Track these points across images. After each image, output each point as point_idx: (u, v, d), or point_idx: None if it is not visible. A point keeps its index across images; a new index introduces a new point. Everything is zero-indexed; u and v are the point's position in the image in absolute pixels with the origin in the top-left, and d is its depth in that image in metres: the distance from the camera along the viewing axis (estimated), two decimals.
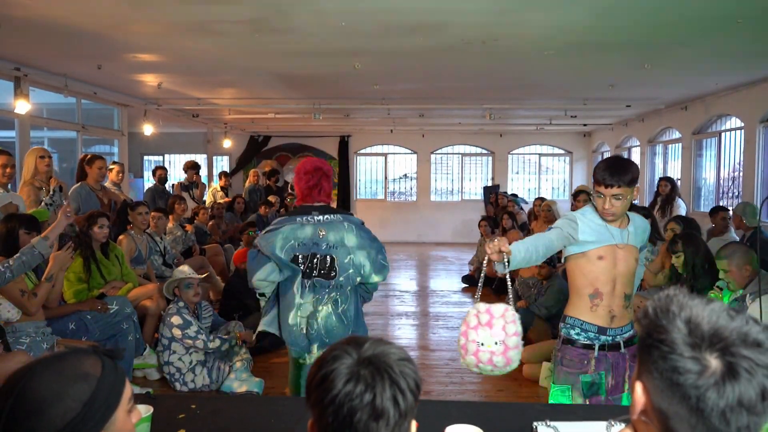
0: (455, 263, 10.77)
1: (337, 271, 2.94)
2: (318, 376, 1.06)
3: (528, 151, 14.41)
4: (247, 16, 4.48)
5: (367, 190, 14.57)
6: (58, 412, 1.05)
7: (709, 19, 4.50)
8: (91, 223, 4.63)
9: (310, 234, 2.94)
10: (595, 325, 2.53)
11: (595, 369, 2.52)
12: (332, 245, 2.94)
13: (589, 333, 2.54)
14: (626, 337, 2.56)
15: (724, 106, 8.01)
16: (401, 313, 7.03)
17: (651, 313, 0.96)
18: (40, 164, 4.95)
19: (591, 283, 2.53)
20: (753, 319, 0.92)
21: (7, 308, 3.57)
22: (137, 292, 4.84)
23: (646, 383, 0.95)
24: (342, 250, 2.94)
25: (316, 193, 3.03)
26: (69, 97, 7.16)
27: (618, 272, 2.52)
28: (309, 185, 3.03)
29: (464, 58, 5.91)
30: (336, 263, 2.94)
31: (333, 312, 2.92)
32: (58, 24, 4.67)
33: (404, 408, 1.04)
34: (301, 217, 2.97)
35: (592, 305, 2.53)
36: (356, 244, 2.96)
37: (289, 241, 2.91)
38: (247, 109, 9.91)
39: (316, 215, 2.98)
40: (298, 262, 2.92)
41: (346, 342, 1.11)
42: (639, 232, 2.60)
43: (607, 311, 2.52)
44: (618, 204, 2.46)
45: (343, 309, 2.95)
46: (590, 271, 2.54)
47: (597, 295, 2.52)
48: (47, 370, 1.09)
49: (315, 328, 2.91)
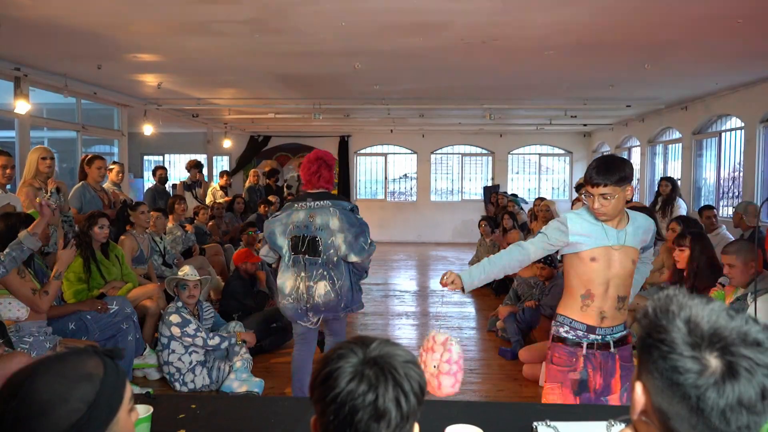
0: (455, 263, 10.76)
1: (322, 250, 3.45)
2: (322, 373, 1.06)
3: (528, 151, 14.41)
4: (247, 16, 4.48)
5: (367, 190, 14.56)
6: (63, 413, 1.04)
7: (709, 18, 4.50)
8: (91, 223, 4.64)
9: (303, 218, 3.48)
10: (584, 323, 2.52)
11: (582, 367, 2.52)
12: (318, 227, 3.46)
13: (577, 331, 2.54)
14: (617, 338, 2.54)
15: (724, 106, 8.01)
16: (401, 313, 7.02)
17: (651, 312, 0.96)
18: (41, 165, 4.94)
19: (584, 284, 2.53)
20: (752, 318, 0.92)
21: (16, 307, 3.62)
22: (137, 292, 4.84)
23: (646, 383, 0.95)
24: (326, 232, 3.46)
25: (316, 179, 3.54)
26: (69, 97, 7.15)
27: (612, 274, 2.49)
28: (310, 172, 3.55)
29: (464, 58, 5.91)
30: (320, 243, 3.45)
31: (330, 288, 3.47)
32: (58, 24, 4.67)
33: (407, 410, 1.03)
34: (298, 203, 3.55)
35: (582, 305, 2.53)
36: (337, 227, 3.45)
37: (288, 226, 3.51)
38: (247, 109, 9.91)
39: (310, 201, 3.51)
40: (294, 241, 3.48)
41: (353, 341, 1.10)
42: (639, 232, 2.53)
43: (597, 312, 2.51)
44: (607, 203, 2.41)
45: (340, 285, 3.48)
46: (583, 272, 2.52)
47: (588, 295, 2.51)
48: (50, 371, 1.08)
49: (313, 299, 3.45)
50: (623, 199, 2.45)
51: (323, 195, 3.53)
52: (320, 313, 3.52)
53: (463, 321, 6.59)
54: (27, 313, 3.67)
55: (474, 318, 6.75)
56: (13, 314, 3.61)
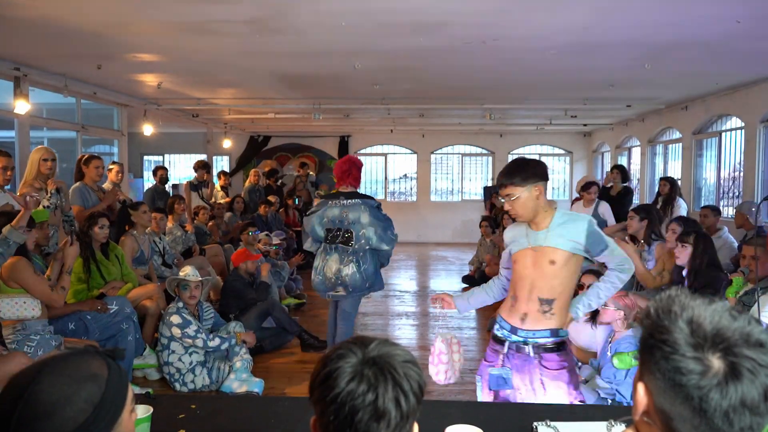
0: (455, 263, 10.76)
1: (354, 241, 4.25)
2: (322, 373, 1.06)
3: (528, 151, 14.40)
4: (247, 16, 4.48)
5: (367, 190, 14.54)
6: (69, 414, 1.03)
7: (709, 18, 4.50)
8: (91, 223, 4.63)
9: (337, 213, 4.28)
10: (509, 323, 2.58)
11: (502, 364, 2.57)
12: (351, 222, 4.25)
13: (503, 330, 2.61)
14: (539, 343, 2.51)
15: (724, 106, 8.01)
16: (401, 313, 7.02)
17: (653, 313, 0.96)
18: (43, 166, 4.93)
19: (513, 285, 2.62)
20: (755, 319, 0.92)
21: (31, 306, 3.64)
22: (137, 292, 4.84)
23: (649, 384, 0.95)
24: (358, 225, 4.24)
25: (346, 176, 4.36)
26: (69, 97, 7.15)
27: (530, 275, 2.50)
28: (342, 170, 4.38)
29: (464, 58, 5.90)
30: (353, 235, 4.25)
31: (356, 270, 4.24)
32: (58, 24, 4.67)
33: (406, 410, 1.04)
34: (332, 200, 4.35)
35: (511, 304, 2.60)
36: (368, 222, 4.23)
37: (323, 219, 4.32)
38: (247, 109, 9.91)
39: (342, 200, 4.30)
40: (330, 233, 4.29)
41: (352, 341, 1.11)
42: (566, 233, 2.46)
43: (520, 313, 2.54)
44: (514, 203, 2.47)
45: (365, 268, 4.28)
46: (513, 274, 2.62)
47: (515, 297, 2.58)
48: (55, 371, 1.07)
49: (342, 279, 4.25)
50: (532, 199, 2.46)
51: (353, 194, 4.32)
52: (347, 288, 4.29)
53: (463, 321, 6.58)
54: (41, 311, 3.70)
55: (474, 318, 6.75)
56: (29, 312, 3.64)
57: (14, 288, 3.61)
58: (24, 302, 3.62)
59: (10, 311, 3.59)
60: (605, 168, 12.39)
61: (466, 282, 8.64)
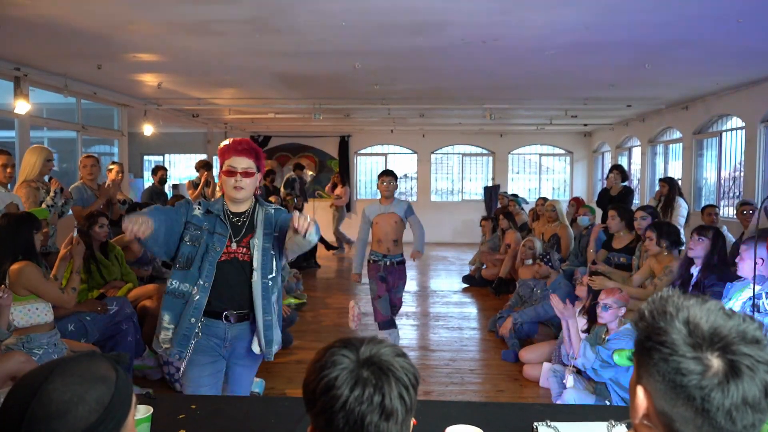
0: (455, 263, 10.77)
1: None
2: (321, 383, 1.05)
3: (528, 151, 14.41)
4: (247, 16, 4.48)
5: (367, 190, 14.56)
6: (81, 414, 1.04)
7: (709, 18, 4.50)
8: (91, 223, 4.63)
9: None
10: (380, 253, 5.06)
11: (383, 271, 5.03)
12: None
13: (377, 255, 5.08)
14: (397, 260, 5.09)
15: (725, 105, 8.01)
16: (401, 313, 6.98)
17: (647, 315, 0.96)
18: (45, 168, 4.95)
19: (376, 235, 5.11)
20: (749, 316, 0.92)
21: (44, 311, 3.57)
22: (137, 293, 4.84)
23: (647, 386, 0.95)
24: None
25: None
26: (69, 97, 7.15)
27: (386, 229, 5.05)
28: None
29: (464, 58, 5.91)
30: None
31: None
32: (58, 24, 4.67)
33: (410, 404, 1.07)
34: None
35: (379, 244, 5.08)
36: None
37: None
38: (247, 109, 9.91)
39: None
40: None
41: (340, 345, 1.10)
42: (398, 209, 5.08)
43: (385, 247, 5.05)
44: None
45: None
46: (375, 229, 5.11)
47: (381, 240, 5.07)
48: (66, 372, 1.08)
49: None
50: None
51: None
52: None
53: (464, 321, 6.59)
54: (52, 315, 3.64)
55: (475, 318, 6.75)
56: (41, 318, 3.55)
57: (24, 295, 3.52)
58: (36, 308, 3.54)
59: (23, 319, 3.50)
60: (605, 168, 12.39)
61: (467, 282, 8.64)
